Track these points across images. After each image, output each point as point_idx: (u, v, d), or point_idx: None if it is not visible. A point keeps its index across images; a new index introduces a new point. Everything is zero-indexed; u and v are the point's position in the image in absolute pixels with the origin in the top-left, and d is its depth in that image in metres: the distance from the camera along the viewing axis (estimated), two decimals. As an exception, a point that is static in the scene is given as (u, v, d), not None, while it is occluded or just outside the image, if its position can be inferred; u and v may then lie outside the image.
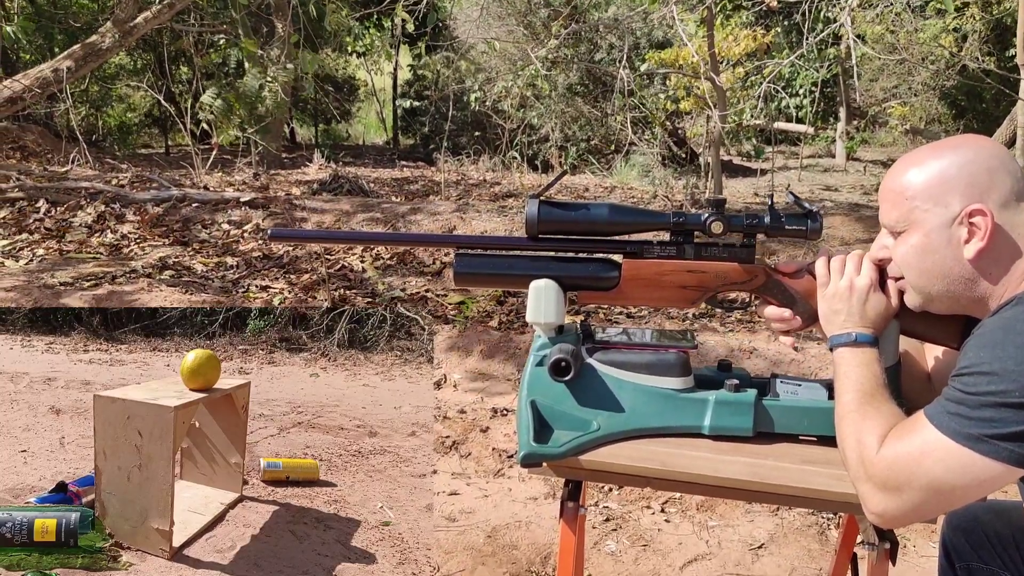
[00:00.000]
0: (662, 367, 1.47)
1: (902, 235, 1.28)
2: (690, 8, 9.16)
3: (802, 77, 13.04)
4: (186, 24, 10.82)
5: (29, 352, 4.58)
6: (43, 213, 6.21)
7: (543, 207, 1.42)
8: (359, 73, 18.48)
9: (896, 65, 12.56)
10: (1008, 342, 1.11)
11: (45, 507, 1.92)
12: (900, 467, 1.15)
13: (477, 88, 12.14)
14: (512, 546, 2.64)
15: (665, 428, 1.46)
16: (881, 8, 9.41)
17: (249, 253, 5.68)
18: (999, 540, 1.51)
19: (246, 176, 9.34)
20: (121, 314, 4.99)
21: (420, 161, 13.54)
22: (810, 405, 1.46)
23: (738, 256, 1.44)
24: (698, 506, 2.91)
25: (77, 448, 2.79)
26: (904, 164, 1.29)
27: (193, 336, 4.47)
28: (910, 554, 2.60)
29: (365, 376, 3.97)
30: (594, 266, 1.47)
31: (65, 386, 3.81)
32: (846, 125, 13.70)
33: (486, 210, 6.89)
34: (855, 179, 12.13)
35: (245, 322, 4.40)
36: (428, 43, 13.73)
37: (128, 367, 4.28)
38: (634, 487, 2.91)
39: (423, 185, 9.72)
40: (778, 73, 8.83)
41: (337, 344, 4.33)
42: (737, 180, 10.93)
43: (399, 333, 3.93)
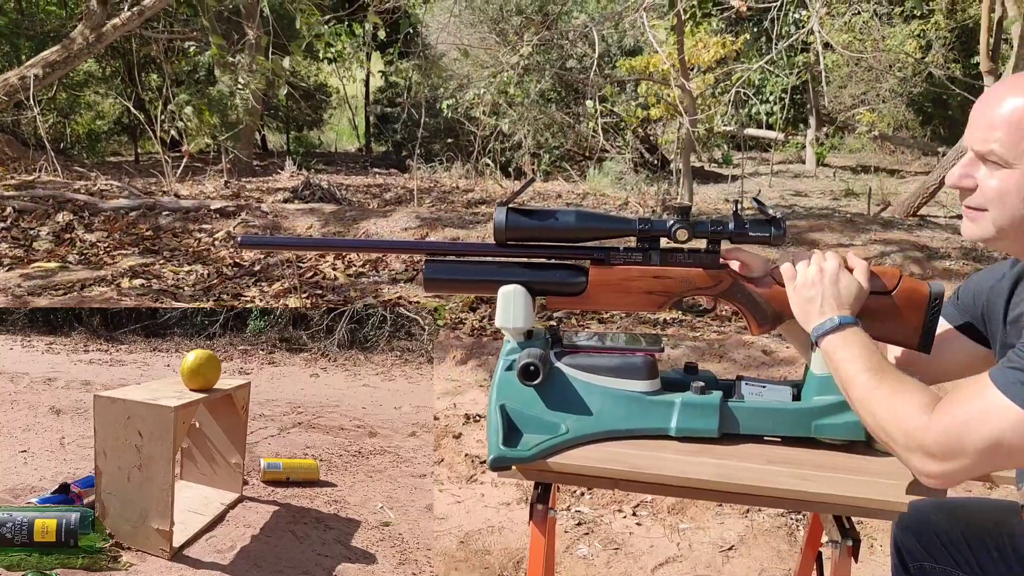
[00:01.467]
0: (629, 370, 1.49)
1: (1001, 170, 1.20)
2: (660, 15, 9.25)
3: (772, 84, 13.21)
4: (155, 31, 10.75)
5: (29, 352, 4.55)
6: (10, 222, 6.14)
7: (511, 214, 1.43)
8: (331, 80, 18.44)
9: (864, 72, 12.76)
10: None
11: (45, 507, 1.93)
12: (958, 432, 1.14)
13: (449, 95, 12.17)
14: (485, 551, 2.65)
15: (632, 430, 1.48)
16: (848, 15, 9.56)
17: (221, 261, 5.65)
18: (949, 539, 1.53)
19: (217, 184, 9.30)
20: (121, 314, 4.97)
21: (393, 168, 13.54)
22: (774, 406, 1.48)
23: (703, 262, 1.47)
24: (669, 509, 2.93)
25: (77, 448, 2.78)
26: (1019, 96, 1.19)
27: (193, 336, 4.45)
28: (877, 552, 2.64)
29: (365, 376, 3.97)
30: (562, 272, 1.49)
31: (65, 386, 3.78)
32: (816, 131, 13.88)
33: (458, 218, 6.91)
34: (825, 184, 12.28)
35: (245, 322, 4.40)
36: (401, 50, 13.72)
37: (128, 367, 4.26)
38: (603, 489, 2.93)
39: (396, 192, 9.72)
40: (748, 80, 8.94)
41: (337, 344, 4.33)
42: (709, 186, 11.03)
43: (399, 333, 3.93)
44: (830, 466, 1.40)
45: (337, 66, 17.51)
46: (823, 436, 1.46)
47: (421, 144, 11.11)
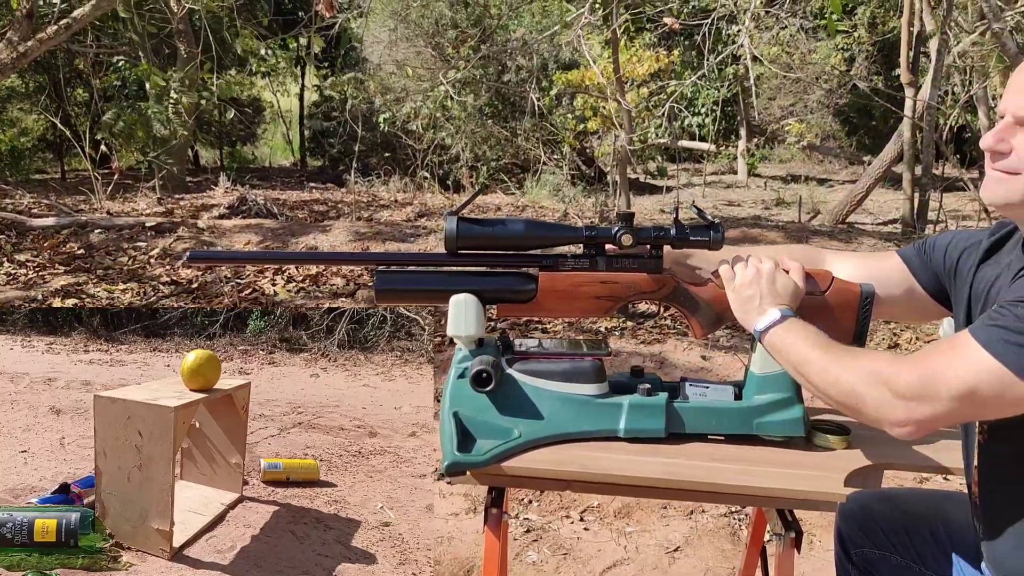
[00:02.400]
0: (578, 374, 1.53)
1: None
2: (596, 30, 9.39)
3: (704, 96, 13.50)
4: (83, 45, 10.52)
5: (29, 352, 4.43)
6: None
7: (461, 223, 1.46)
8: (264, 94, 18.23)
9: (792, 84, 13.12)
10: None
11: (45, 507, 1.89)
12: (935, 379, 1.17)
13: (386, 109, 12.15)
14: (435, 561, 2.66)
15: (583, 432, 1.52)
16: (776, 30, 9.84)
17: (157, 279, 5.55)
18: (890, 526, 1.61)
19: (150, 201, 9.13)
20: (121, 314, 4.87)
21: (329, 183, 13.44)
22: (718, 406, 1.54)
23: (647, 267, 1.52)
24: (615, 513, 2.98)
25: (77, 448, 2.73)
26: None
27: (193, 336, 4.37)
28: (816, 548, 2.73)
29: (365, 376, 3.93)
30: (512, 279, 1.52)
31: (65, 386, 3.69)
32: (747, 142, 14.22)
33: (399, 232, 6.90)
34: (757, 194, 12.58)
35: (245, 323, 4.34)
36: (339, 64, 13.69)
37: (128, 367, 4.16)
38: (556, 491, 2.97)
39: (333, 207, 9.66)
40: (681, 93, 9.13)
41: (337, 344, 4.29)
42: (644, 197, 11.21)
43: (399, 334, 3.91)
44: (772, 461, 1.46)
45: (271, 80, 17.35)
46: (764, 433, 1.52)
47: (358, 158, 11.08)
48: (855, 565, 1.65)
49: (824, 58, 12.81)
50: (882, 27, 12.81)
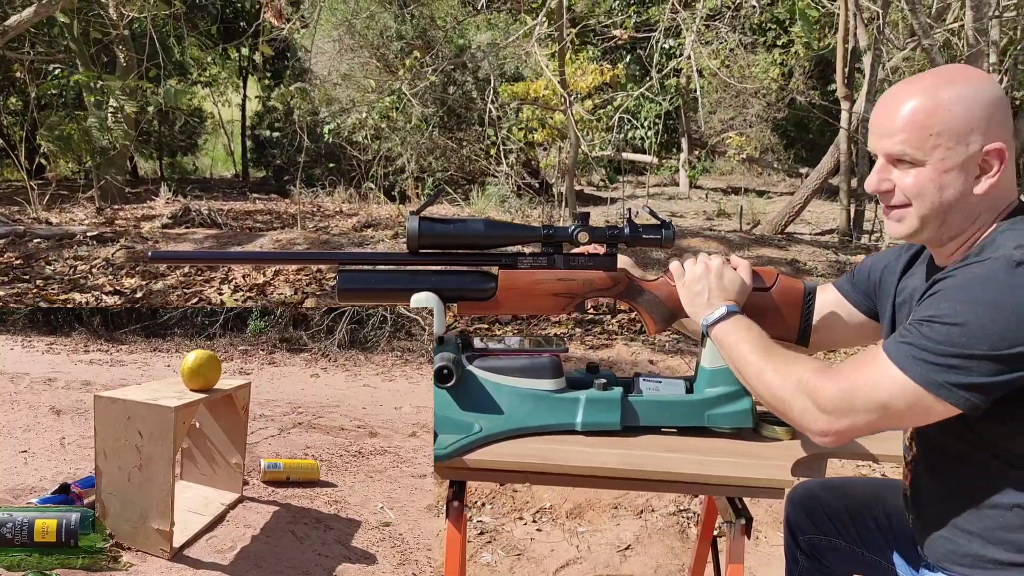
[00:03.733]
0: (536, 370, 1.58)
1: (914, 168, 1.28)
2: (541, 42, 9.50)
3: (646, 109, 13.72)
4: (19, 52, 10.29)
5: (29, 352, 4.30)
6: None
7: (423, 222, 1.50)
8: (205, 104, 18.00)
9: (732, 98, 13.41)
10: (981, 299, 1.18)
11: (45, 508, 1.86)
12: (852, 392, 1.25)
13: (332, 120, 12.10)
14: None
15: (541, 427, 1.57)
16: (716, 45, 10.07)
17: (100, 289, 5.46)
18: (835, 513, 1.69)
19: (88, 211, 8.95)
20: (121, 314, 4.77)
21: (273, 194, 13.32)
22: (671, 399, 1.60)
23: (602, 264, 1.58)
24: (567, 513, 3.03)
25: (77, 449, 2.67)
26: (919, 94, 1.27)
27: (194, 337, 4.28)
28: (762, 543, 2.81)
29: (365, 376, 3.89)
30: (472, 277, 1.56)
31: (66, 386, 3.60)
32: (688, 155, 14.48)
33: (347, 242, 6.89)
34: (698, 205, 12.81)
35: (245, 323, 4.28)
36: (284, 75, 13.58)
37: (128, 367, 4.07)
38: (516, 483, 3.00)
39: (277, 217, 9.59)
40: (626, 107, 9.28)
41: (337, 344, 4.24)
42: (589, 208, 11.33)
43: (399, 334, 3.88)
44: (722, 451, 1.52)
45: (212, 90, 17.14)
46: (715, 425, 1.58)
47: (302, 169, 11.01)
48: (803, 551, 1.73)
49: (763, 72, 13.14)
50: (818, 43, 13.20)
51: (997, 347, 1.17)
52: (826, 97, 12.73)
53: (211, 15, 13.74)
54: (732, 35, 9.54)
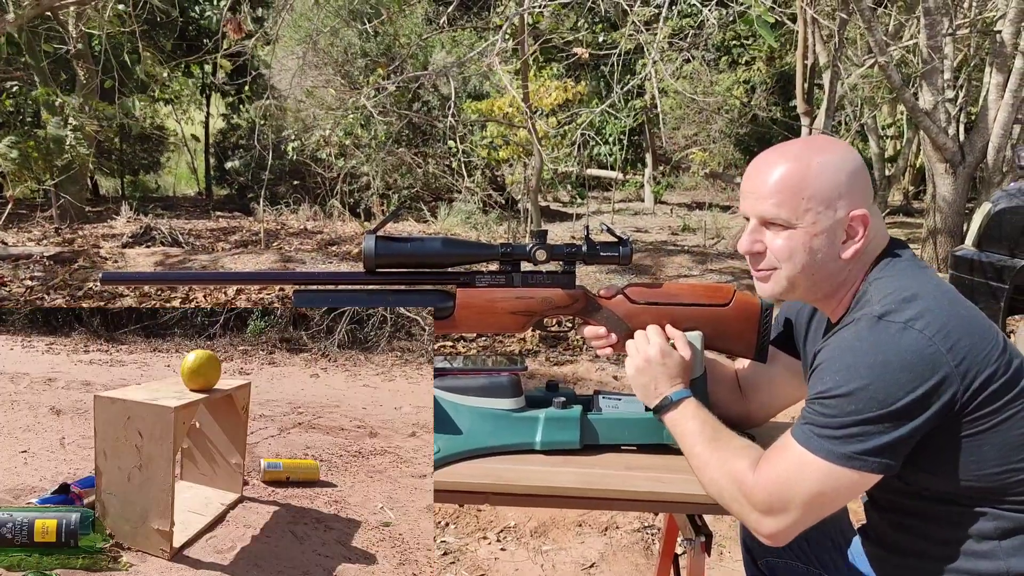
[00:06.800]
0: (495, 389, 1.57)
1: (786, 230, 1.32)
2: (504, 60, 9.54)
3: (611, 126, 13.82)
4: (-26, 69, 10.12)
5: (29, 352, 4.20)
6: None
7: (379, 242, 1.49)
8: (168, 122, 17.83)
9: (695, 115, 13.55)
10: (857, 363, 1.22)
11: (45, 508, 1.82)
12: (778, 489, 1.26)
13: (295, 137, 12.04)
14: None
15: (501, 446, 1.55)
16: (679, 62, 10.18)
17: (58, 309, 5.36)
18: None
19: (47, 231, 8.81)
20: (121, 314, 4.68)
21: (237, 211, 13.21)
22: (630, 417, 1.59)
23: (561, 282, 1.57)
24: (532, 532, 3.01)
25: (77, 449, 2.61)
26: (791, 160, 1.32)
27: (194, 337, 4.20)
28: (725, 558, 2.81)
29: (365, 376, 3.84)
30: (430, 296, 1.55)
31: (65, 387, 3.52)
32: (653, 171, 14.60)
33: (311, 259, 6.84)
34: (663, 220, 12.90)
35: (245, 323, 4.22)
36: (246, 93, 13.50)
37: (128, 368, 3.98)
38: (475, 504, 2.97)
39: (242, 235, 9.50)
40: (590, 122, 9.34)
41: (337, 344, 4.18)
42: (555, 224, 11.37)
43: (399, 334, 3.83)
44: (681, 469, 1.51)
45: (174, 107, 16.98)
46: (673, 443, 1.57)
47: (267, 187, 10.94)
48: (762, 573, 1.72)
49: (726, 89, 13.30)
50: (779, 60, 13.40)
51: (885, 404, 1.20)
52: (787, 113, 12.92)
53: (171, 32, 13.62)
54: (696, 52, 9.64)
